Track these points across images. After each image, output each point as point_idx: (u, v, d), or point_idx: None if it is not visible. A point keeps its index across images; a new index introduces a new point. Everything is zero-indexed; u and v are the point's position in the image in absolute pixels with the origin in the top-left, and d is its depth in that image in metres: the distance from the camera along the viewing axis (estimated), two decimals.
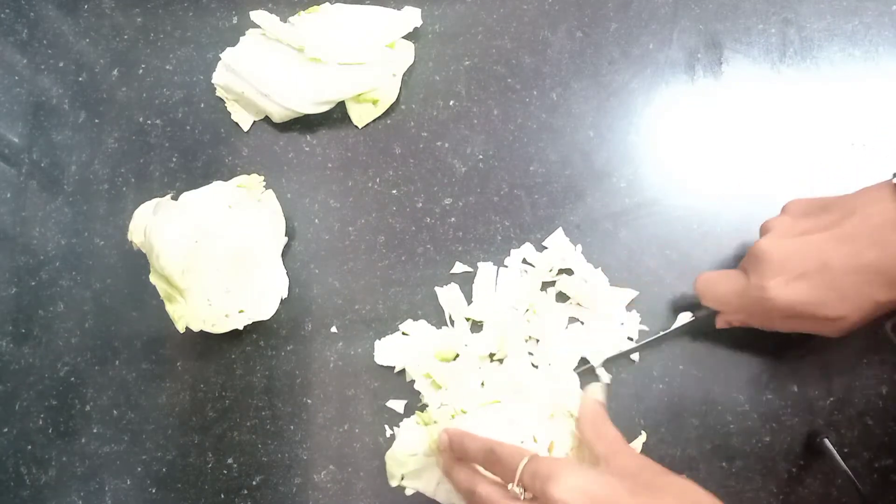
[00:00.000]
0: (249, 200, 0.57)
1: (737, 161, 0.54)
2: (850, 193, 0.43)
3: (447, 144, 0.58)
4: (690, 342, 0.52)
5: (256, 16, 0.59)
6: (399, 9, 0.60)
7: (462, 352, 0.53)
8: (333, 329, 0.56)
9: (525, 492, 0.40)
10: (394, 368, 0.54)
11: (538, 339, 0.52)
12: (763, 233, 0.45)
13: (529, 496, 0.40)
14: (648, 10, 0.58)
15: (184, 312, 0.53)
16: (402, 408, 0.54)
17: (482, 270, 0.55)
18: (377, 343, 0.55)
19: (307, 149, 0.60)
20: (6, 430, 0.59)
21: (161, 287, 0.54)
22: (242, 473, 0.55)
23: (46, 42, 0.66)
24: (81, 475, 0.57)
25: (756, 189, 0.53)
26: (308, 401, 0.55)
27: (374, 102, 0.58)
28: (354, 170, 0.59)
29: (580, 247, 0.54)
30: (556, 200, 0.56)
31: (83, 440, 0.57)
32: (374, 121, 0.59)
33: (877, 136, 0.53)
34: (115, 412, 0.57)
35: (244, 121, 0.61)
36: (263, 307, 0.55)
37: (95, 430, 0.57)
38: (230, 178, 0.58)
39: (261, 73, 0.57)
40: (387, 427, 0.54)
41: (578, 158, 0.56)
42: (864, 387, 0.49)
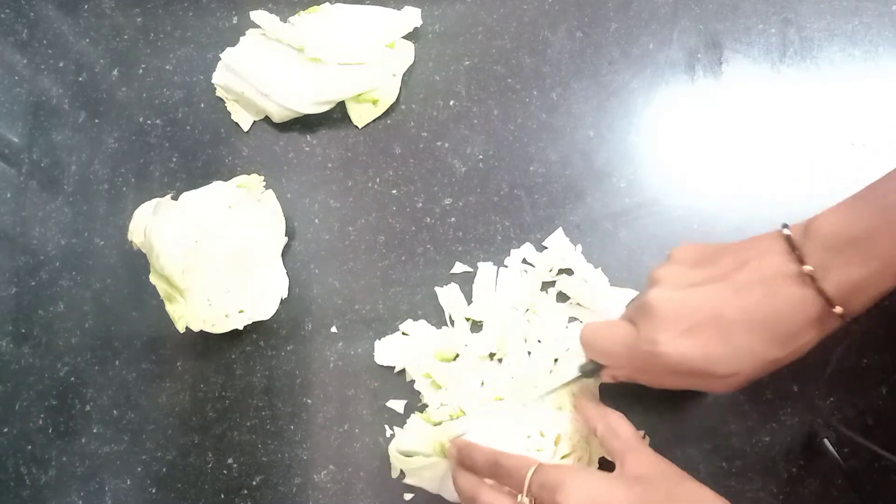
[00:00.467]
0: (249, 200, 0.57)
1: (737, 161, 0.54)
2: (741, 241, 0.41)
3: (447, 144, 0.58)
4: None
5: (256, 16, 0.59)
6: (399, 9, 0.60)
7: (462, 352, 0.53)
8: (333, 329, 0.56)
9: (534, 502, 0.40)
10: (394, 368, 0.54)
11: (538, 339, 0.52)
12: (652, 283, 0.42)
13: None
14: (648, 10, 0.58)
15: (184, 312, 0.53)
16: (402, 408, 0.54)
17: (482, 270, 0.55)
18: (377, 343, 0.55)
19: (307, 149, 0.60)
20: (6, 430, 0.59)
21: (161, 287, 0.54)
22: (242, 473, 0.55)
23: (46, 42, 0.66)
24: (81, 475, 0.57)
25: (756, 189, 0.53)
26: (308, 401, 0.55)
27: (374, 102, 0.58)
28: (354, 170, 0.59)
29: (580, 247, 0.54)
30: (556, 200, 0.56)
31: (83, 440, 0.57)
32: (374, 121, 0.59)
33: (877, 136, 0.53)
34: (115, 412, 0.57)
35: (244, 121, 0.61)
36: (263, 307, 0.55)
37: (95, 430, 0.57)
38: (230, 178, 0.58)
39: (261, 73, 0.57)
40: (387, 427, 0.54)
41: (578, 158, 0.56)
42: (865, 387, 0.49)
